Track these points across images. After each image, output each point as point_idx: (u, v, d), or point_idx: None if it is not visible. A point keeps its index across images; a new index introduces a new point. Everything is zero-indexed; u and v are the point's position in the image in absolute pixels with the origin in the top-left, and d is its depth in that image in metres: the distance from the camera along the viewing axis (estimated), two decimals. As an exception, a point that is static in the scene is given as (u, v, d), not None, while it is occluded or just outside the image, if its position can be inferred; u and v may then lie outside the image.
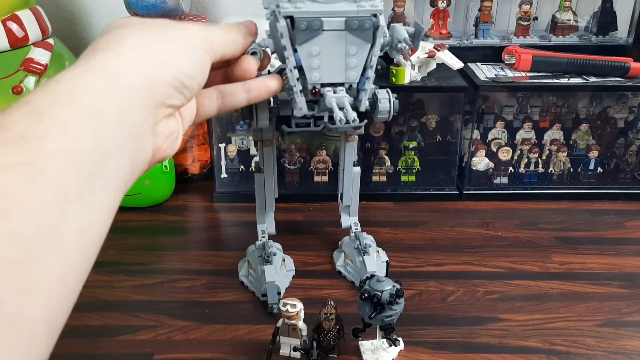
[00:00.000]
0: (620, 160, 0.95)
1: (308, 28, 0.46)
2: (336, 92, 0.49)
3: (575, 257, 0.77)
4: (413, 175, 0.94)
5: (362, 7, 0.46)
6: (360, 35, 0.47)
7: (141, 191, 0.87)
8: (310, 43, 0.47)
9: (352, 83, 0.50)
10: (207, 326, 0.64)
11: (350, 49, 0.48)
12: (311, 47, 0.47)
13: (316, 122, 0.60)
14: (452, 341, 0.62)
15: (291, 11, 0.46)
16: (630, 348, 0.61)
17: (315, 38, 0.47)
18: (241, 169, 0.93)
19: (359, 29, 0.46)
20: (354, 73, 0.49)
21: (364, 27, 0.46)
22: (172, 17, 0.89)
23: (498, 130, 0.94)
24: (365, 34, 0.47)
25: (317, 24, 0.46)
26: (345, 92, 0.50)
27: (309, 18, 0.46)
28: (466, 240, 0.81)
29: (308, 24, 0.46)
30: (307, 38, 0.47)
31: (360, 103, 0.52)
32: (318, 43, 0.47)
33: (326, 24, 0.46)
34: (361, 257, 0.70)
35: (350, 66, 0.49)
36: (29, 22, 0.82)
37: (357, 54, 0.48)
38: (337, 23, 0.46)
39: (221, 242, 0.84)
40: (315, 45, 0.47)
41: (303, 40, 0.47)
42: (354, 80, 0.50)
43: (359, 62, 0.49)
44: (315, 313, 0.59)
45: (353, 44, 0.47)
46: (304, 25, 0.46)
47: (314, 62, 0.48)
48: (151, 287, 0.71)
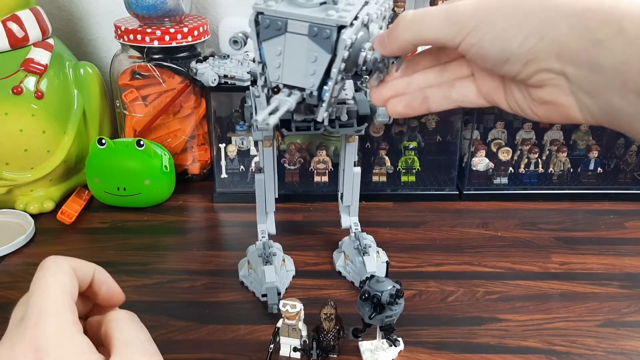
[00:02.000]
0: (620, 161, 0.95)
1: (270, 26, 0.47)
2: (289, 95, 0.49)
3: (575, 257, 0.77)
4: (413, 175, 0.94)
5: (329, 16, 0.46)
6: (319, 43, 0.47)
7: (141, 191, 0.87)
8: (274, 41, 0.48)
9: (311, 90, 0.50)
10: (207, 326, 0.65)
11: (310, 56, 0.48)
12: (274, 46, 0.48)
13: (316, 125, 0.60)
14: (452, 341, 0.62)
15: (262, 7, 0.47)
16: (630, 348, 0.61)
17: (278, 37, 0.47)
18: (241, 169, 0.93)
19: (318, 37, 0.47)
20: (312, 80, 0.49)
21: (322, 36, 0.46)
22: (172, 17, 0.89)
23: (498, 130, 0.94)
24: (325, 43, 0.47)
25: (278, 24, 0.47)
26: (298, 97, 0.50)
27: (273, 17, 0.46)
28: (466, 241, 0.81)
29: (270, 22, 0.47)
30: (270, 36, 0.47)
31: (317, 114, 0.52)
32: (281, 43, 0.48)
33: (290, 25, 0.47)
34: (361, 258, 0.70)
35: (309, 72, 0.49)
36: (29, 22, 0.82)
37: (316, 61, 0.48)
38: (301, 27, 0.47)
39: (221, 242, 0.84)
40: (278, 45, 0.48)
41: (266, 37, 0.48)
42: (311, 87, 0.50)
43: (318, 70, 0.49)
44: (315, 313, 0.59)
45: (313, 50, 0.47)
46: (266, 22, 0.47)
47: (275, 60, 0.49)
48: (151, 287, 0.71)
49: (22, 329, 0.32)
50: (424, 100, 0.42)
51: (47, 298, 0.33)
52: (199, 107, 0.94)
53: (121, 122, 0.97)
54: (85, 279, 0.37)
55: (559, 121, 0.37)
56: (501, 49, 0.34)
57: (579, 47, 0.32)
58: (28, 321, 0.32)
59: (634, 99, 0.32)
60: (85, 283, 0.37)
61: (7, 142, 0.82)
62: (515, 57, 0.34)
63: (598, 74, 0.32)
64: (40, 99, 0.83)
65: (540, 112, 0.37)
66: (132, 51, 0.90)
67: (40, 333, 0.31)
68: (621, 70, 0.31)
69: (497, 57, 0.35)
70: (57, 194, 0.90)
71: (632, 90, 0.31)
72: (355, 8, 0.47)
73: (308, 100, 0.51)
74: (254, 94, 0.61)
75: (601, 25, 0.31)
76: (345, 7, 0.47)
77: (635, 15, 0.31)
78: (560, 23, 0.33)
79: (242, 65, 0.83)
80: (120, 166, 0.86)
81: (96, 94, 0.91)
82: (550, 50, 0.33)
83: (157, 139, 0.93)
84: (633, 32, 0.31)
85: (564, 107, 0.35)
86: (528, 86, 0.36)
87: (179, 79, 0.90)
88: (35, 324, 0.31)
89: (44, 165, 0.86)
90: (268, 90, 0.52)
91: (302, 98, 0.50)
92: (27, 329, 0.31)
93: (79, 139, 0.89)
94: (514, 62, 0.35)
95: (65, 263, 0.35)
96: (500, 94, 0.39)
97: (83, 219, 0.86)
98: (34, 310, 0.32)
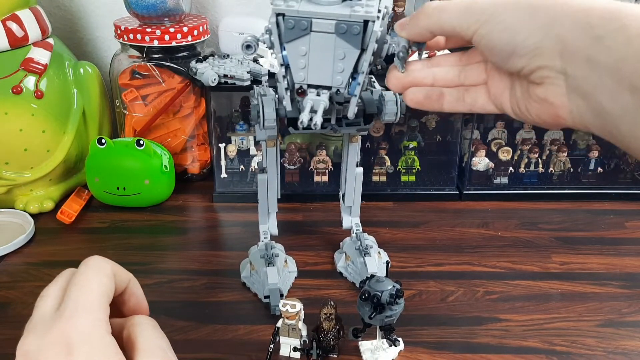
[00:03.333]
0: (620, 161, 0.95)
1: (295, 27, 0.46)
2: (319, 95, 0.49)
3: (575, 257, 0.77)
4: (413, 175, 0.94)
5: (356, 12, 0.46)
6: (348, 40, 0.47)
7: (141, 191, 0.87)
8: (298, 42, 0.47)
9: (338, 88, 0.50)
10: (207, 326, 0.64)
11: (338, 53, 0.47)
12: (298, 47, 0.47)
13: (323, 124, 0.60)
14: (452, 341, 0.62)
15: (283, 9, 0.46)
16: (630, 348, 0.61)
17: (303, 38, 0.47)
18: (241, 169, 0.93)
19: (347, 34, 0.46)
20: (340, 78, 0.49)
21: (352, 33, 0.46)
22: (172, 16, 0.89)
23: (498, 130, 0.94)
24: (354, 40, 0.46)
25: (304, 23, 0.46)
26: (328, 96, 0.49)
27: (297, 17, 0.46)
28: (466, 240, 0.81)
29: (295, 23, 0.46)
30: (294, 37, 0.47)
31: (348, 109, 0.52)
32: (305, 43, 0.47)
33: (315, 25, 0.46)
34: (362, 258, 0.70)
35: (337, 70, 0.48)
36: (29, 21, 0.82)
37: (344, 58, 0.48)
38: (327, 25, 0.46)
39: (221, 242, 0.84)
40: (302, 45, 0.47)
41: (290, 38, 0.47)
42: (340, 85, 0.49)
43: (347, 67, 0.48)
44: (315, 313, 0.59)
45: (341, 48, 0.47)
46: (291, 23, 0.46)
47: (300, 61, 0.48)
48: (151, 287, 0.71)
49: (56, 319, 0.32)
50: (440, 97, 0.43)
51: (87, 295, 0.33)
52: (198, 107, 0.94)
53: (121, 121, 0.97)
54: (120, 286, 0.38)
55: (547, 123, 0.39)
56: (507, 41, 0.36)
57: (580, 44, 0.33)
58: (64, 312, 0.32)
59: (628, 97, 0.32)
60: (120, 289, 0.38)
61: (7, 141, 0.82)
62: (520, 51, 0.36)
63: (595, 73, 0.33)
64: (40, 99, 0.83)
65: (532, 111, 0.39)
66: (132, 51, 0.90)
67: (74, 326, 0.32)
68: (617, 68, 0.32)
69: (503, 49, 0.37)
70: (57, 194, 0.90)
71: (627, 87, 0.32)
72: (376, 2, 0.47)
73: (335, 98, 0.51)
74: (260, 93, 0.61)
75: (603, 21, 0.32)
76: (368, 2, 0.47)
77: (638, 14, 0.31)
78: (566, 19, 0.34)
79: (242, 65, 0.83)
80: (120, 166, 0.86)
81: (96, 94, 0.91)
82: (554, 47, 0.34)
83: (157, 139, 0.93)
84: (634, 30, 0.31)
85: (554, 107, 0.37)
86: (529, 82, 0.38)
87: (178, 79, 0.90)
88: (70, 316, 0.32)
89: (43, 165, 0.86)
90: (292, 93, 0.51)
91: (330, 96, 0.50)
92: (61, 320, 0.32)
93: (78, 139, 0.89)
94: (519, 56, 0.36)
95: (109, 266, 0.36)
96: (506, 96, 0.41)
97: (83, 219, 0.86)
98: (70, 303, 0.33)
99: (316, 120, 0.47)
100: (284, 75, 0.50)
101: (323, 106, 0.48)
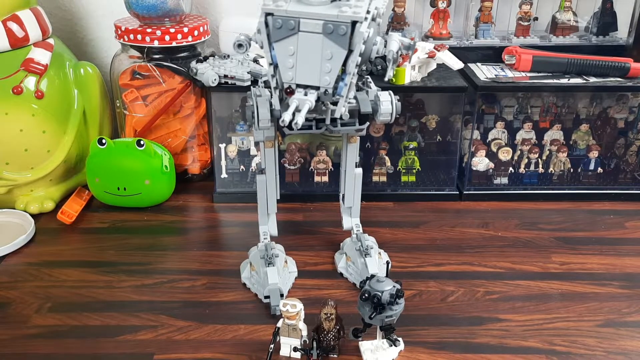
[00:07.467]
0: (620, 161, 0.95)
1: (283, 26, 0.46)
2: (306, 95, 0.49)
3: (575, 257, 0.77)
4: (413, 175, 0.94)
5: (343, 12, 0.46)
6: (335, 40, 0.47)
7: (141, 191, 0.87)
8: (286, 42, 0.47)
9: (326, 88, 0.50)
10: (207, 326, 0.65)
11: (326, 54, 0.47)
12: (287, 46, 0.48)
13: (318, 124, 0.60)
14: (452, 341, 0.62)
15: (272, 8, 0.46)
16: (630, 348, 0.61)
17: (291, 37, 0.47)
18: (241, 169, 0.93)
19: (334, 34, 0.46)
20: (328, 78, 0.49)
21: (339, 33, 0.46)
22: (173, 17, 0.89)
23: (498, 130, 0.94)
24: (341, 40, 0.47)
25: (292, 23, 0.46)
26: (315, 96, 0.49)
27: (285, 17, 0.46)
28: (466, 240, 0.81)
29: (283, 23, 0.46)
30: (283, 36, 0.47)
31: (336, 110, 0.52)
32: (293, 43, 0.47)
33: (303, 25, 0.47)
34: (363, 259, 0.70)
35: (325, 71, 0.48)
36: (29, 22, 0.82)
37: (332, 59, 0.48)
38: (314, 25, 0.46)
39: (221, 242, 0.84)
40: (290, 45, 0.47)
41: (278, 38, 0.47)
42: (327, 85, 0.50)
43: (334, 68, 0.48)
44: (315, 313, 0.59)
45: (329, 48, 0.47)
46: (279, 23, 0.46)
47: (288, 61, 0.48)
48: (151, 287, 0.71)
49: None
50: None
51: None
52: (199, 107, 0.94)
53: (121, 122, 0.97)
54: None
55: None
56: None
57: None
58: None
59: None
60: None
61: (7, 142, 0.82)
62: None
63: None
64: (41, 99, 0.83)
65: None
66: (133, 51, 0.90)
67: None
68: None
69: None
70: (57, 194, 0.90)
71: None
72: (365, 3, 0.47)
73: (322, 98, 0.51)
74: (255, 94, 0.61)
75: None
76: (357, 3, 0.47)
77: None
78: None
79: (242, 65, 0.83)
80: (120, 166, 0.86)
81: (96, 94, 0.91)
82: None
83: (157, 139, 0.93)
84: None
85: None
86: None
87: (179, 79, 0.90)
88: None
89: (44, 165, 0.86)
90: (281, 92, 0.52)
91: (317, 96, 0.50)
92: None
93: (79, 139, 0.89)
94: None
95: None
96: None
97: (83, 219, 0.86)
98: None
99: (297, 120, 0.47)
100: (273, 74, 0.50)
101: (308, 106, 0.48)
